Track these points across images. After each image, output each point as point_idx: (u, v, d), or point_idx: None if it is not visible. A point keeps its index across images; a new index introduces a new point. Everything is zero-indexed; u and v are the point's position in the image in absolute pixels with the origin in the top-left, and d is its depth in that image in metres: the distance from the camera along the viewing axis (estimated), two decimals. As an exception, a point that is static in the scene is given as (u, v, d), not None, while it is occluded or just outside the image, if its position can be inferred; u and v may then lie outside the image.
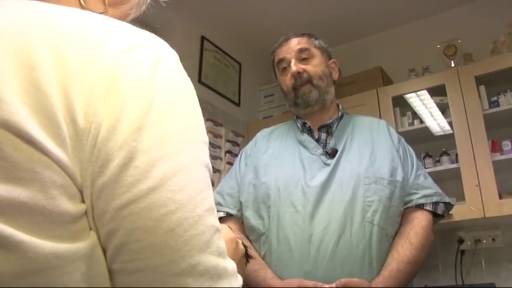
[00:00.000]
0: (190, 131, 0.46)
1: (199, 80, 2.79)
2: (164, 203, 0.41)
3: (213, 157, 2.68)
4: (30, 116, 0.39)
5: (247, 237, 1.41)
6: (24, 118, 0.38)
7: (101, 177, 0.41)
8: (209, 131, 2.69)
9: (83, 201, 0.41)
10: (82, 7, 0.55)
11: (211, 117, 2.74)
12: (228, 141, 2.85)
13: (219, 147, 2.76)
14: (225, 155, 2.80)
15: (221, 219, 1.42)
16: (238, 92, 3.13)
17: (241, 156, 1.61)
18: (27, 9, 0.46)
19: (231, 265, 0.47)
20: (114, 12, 0.60)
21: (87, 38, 0.44)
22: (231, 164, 2.75)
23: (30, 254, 0.38)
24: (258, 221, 1.40)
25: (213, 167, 2.60)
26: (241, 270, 0.71)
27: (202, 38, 2.90)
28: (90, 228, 0.42)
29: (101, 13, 0.56)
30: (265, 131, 1.66)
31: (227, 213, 1.47)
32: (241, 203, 1.47)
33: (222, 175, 2.69)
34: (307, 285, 1.22)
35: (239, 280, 0.48)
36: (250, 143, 1.64)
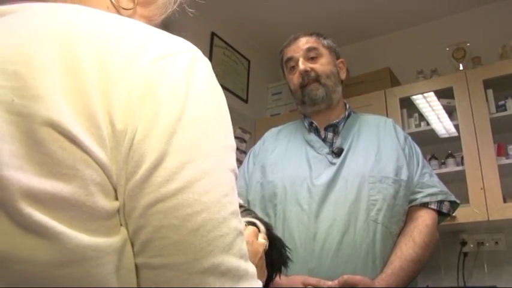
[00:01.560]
0: (219, 137, 0.48)
1: (209, 76, 2.81)
2: (190, 203, 0.43)
3: (220, 153, 2.69)
4: (73, 117, 0.41)
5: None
6: (68, 118, 0.41)
7: (134, 177, 0.43)
8: (217, 127, 2.70)
9: (117, 199, 0.44)
10: (114, 5, 0.58)
11: (219, 113, 2.75)
12: (235, 137, 2.85)
13: (226, 144, 2.77)
14: (232, 151, 2.81)
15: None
16: (246, 89, 3.14)
17: (249, 155, 1.64)
18: (74, 15, 0.48)
19: (251, 268, 0.48)
20: (142, 13, 0.62)
21: (127, 45, 0.46)
22: (238, 160, 2.76)
23: (69, 245, 0.40)
24: (265, 219, 1.41)
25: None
26: (261, 263, 0.74)
27: (212, 34, 2.92)
28: (121, 224, 0.44)
29: (130, 9, 0.59)
30: (273, 130, 1.67)
31: None
32: (248, 201, 1.49)
33: (229, 171, 2.71)
34: (310, 282, 1.24)
35: (259, 283, 0.49)
36: (259, 142, 1.66)
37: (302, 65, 1.50)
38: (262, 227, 0.81)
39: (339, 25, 2.95)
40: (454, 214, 1.51)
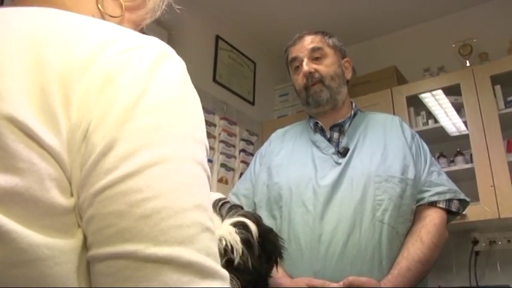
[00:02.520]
0: (184, 128, 0.46)
1: (214, 79, 2.82)
2: (140, 189, 0.41)
3: (227, 156, 2.70)
4: (33, 112, 0.41)
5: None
6: (27, 113, 0.41)
7: (84, 167, 0.42)
8: (223, 130, 2.71)
9: (73, 196, 0.43)
10: (100, 12, 0.57)
11: (225, 115, 2.76)
12: (242, 139, 2.86)
13: (234, 146, 2.78)
14: (239, 153, 2.82)
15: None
16: (252, 91, 3.14)
17: (256, 157, 1.63)
18: (41, 16, 0.48)
19: (223, 271, 0.44)
20: (130, 17, 0.61)
21: (92, 42, 0.46)
22: (245, 162, 2.77)
23: (22, 245, 0.39)
24: (271, 221, 1.41)
25: (227, 166, 2.61)
26: None
27: (217, 38, 2.92)
28: (79, 226, 0.43)
29: (118, 17, 0.59)
30: (279, 131, 1.66)
31: None
32: (255, 203, 1.48)
33: (236, 173, 2.71)
34: (315, 284, 1.23)
35: None
36: (265, 144, 1.65)
37: (306, 66, 1.49)
38: (253, 227, 0.79)
39: (344, 25, 2.94)
40: (464, 213, 1.48)
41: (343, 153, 1.43)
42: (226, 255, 0.72)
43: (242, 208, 0.86)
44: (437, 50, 2.86)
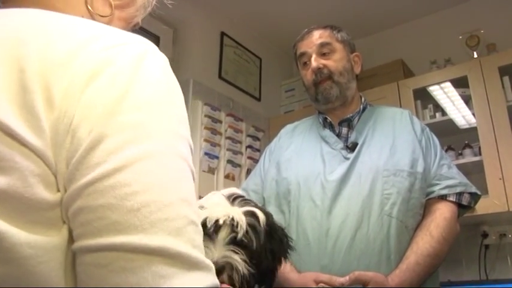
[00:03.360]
0: (168, 124, 0.47)
1: (220, 76, 2.81)
2: (129, 183, 0.42)
3: (234, 152, 2.70)
4: (13, 112, 0.42)
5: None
6: (7, 112, 0.42)
7: (72, 161, 0.42)
8: (230, 126, 2.71)
9: (59, 190, 0.43)
10: (89, 11, 0.58)
11: (231, 112, 2.76)
12: (248, 136, 2.86)
13: (240, 142, 2.78)
14: (246, 149, 2.81)
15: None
16: (258, 87, 3.14)
17: (266, 152, 1.63)
18: (23, 17, 0.49)
19: (208, 262, 0.45)
20: (120, 15, 0.62)
21: (74, 39, 0.47)
22: (251, 158, 2.77)
23: (6, 244, 0.40)
24: (280, 216, 1.41)
25: (233, 162, 2.61)
26: None
27: (222, 34, 2.92)
28: (64, 222, 0.43)
29: (107, 16, 0.59)
30: (288, 127, 1.66)
31: None
32: (264, 199, 1.48)
33: (243, 170, 2.71)
34: (322, 279, 1.22)
35: (215, 279, 0.46)
36: (275, 140, 1.65)
37: (314, 61, 1.48)
38: (261, 215, 0.81)
39: (350, 19, 2.92)
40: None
41: (351, 148, 1.43)
42: (232, 231, 0.76)
43: (254, 202, 0.88)
44: (444, 42, 2.84)
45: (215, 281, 0.45)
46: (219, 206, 0.78)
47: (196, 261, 0.43)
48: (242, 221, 0.78)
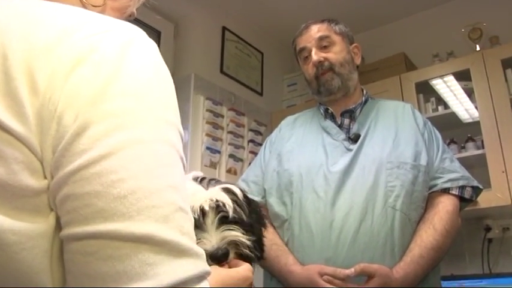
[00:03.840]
0: (155, 110, 0.46)
1: (221, 70, 2.81)
2: (115, 170, 0.41)
3: (236, 146, 2.70)
4: None
5: (272, 224, 1.43)
6: None
7: (58, 148, 0.42)
8: (231, 121, 2.71)
9: (46, 178, 0.43)
10: (81, 1, 0.58)
11: (233, 106, 2.76)
12: (250, 130, 2.86)
13: (242, 137, 2.78)
14: (248, 144, 2.81)
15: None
16: (260, 82, 3.13)
17: (266, 143, 1.62)
18: (7, 4, 0.49)
19: (199, 249, 0.45)
20: (113, 5, 0.62)
21: (59, 26, 0.46)
22: (253, 153, 2.77)
23: None
24: (282, 207, 1.41)
25: (235, 156, 2.61)
26: None
27: (223, 29, 2.91)
28: (52, 210, 0.43)
29: (100, 6, 0.59)
30: (289, 118, 1.66)
31: None
32: (265, 190, 1.48)
33: (245, 164, 2.71)
34: (326, 271, 1.22)
35: (207, 267, 0.46)
36: (275, 131, 1.64)
37: (315, 55, 1.48)
38: (237, 190, 0.82)
39: (352, 13, 2.91)
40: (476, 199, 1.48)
41: (354, 139, 1.42)
42: (220, 212, 0.76)
43: (221, 180, 0.87)
44: (446, 35, 2.82)
45: (206, 268, 0.45)
46: (195, 194, 0.78)
47: (185, 248, 0.43)
48: (226, 199, 0.78)
